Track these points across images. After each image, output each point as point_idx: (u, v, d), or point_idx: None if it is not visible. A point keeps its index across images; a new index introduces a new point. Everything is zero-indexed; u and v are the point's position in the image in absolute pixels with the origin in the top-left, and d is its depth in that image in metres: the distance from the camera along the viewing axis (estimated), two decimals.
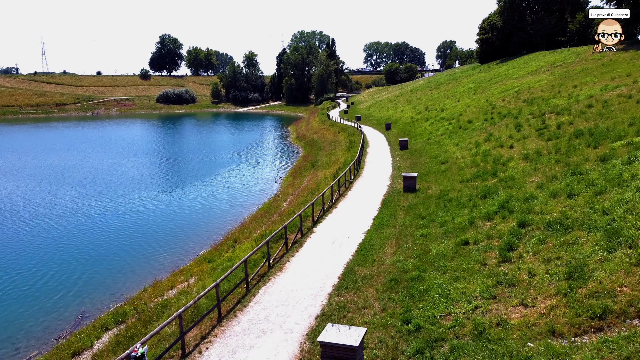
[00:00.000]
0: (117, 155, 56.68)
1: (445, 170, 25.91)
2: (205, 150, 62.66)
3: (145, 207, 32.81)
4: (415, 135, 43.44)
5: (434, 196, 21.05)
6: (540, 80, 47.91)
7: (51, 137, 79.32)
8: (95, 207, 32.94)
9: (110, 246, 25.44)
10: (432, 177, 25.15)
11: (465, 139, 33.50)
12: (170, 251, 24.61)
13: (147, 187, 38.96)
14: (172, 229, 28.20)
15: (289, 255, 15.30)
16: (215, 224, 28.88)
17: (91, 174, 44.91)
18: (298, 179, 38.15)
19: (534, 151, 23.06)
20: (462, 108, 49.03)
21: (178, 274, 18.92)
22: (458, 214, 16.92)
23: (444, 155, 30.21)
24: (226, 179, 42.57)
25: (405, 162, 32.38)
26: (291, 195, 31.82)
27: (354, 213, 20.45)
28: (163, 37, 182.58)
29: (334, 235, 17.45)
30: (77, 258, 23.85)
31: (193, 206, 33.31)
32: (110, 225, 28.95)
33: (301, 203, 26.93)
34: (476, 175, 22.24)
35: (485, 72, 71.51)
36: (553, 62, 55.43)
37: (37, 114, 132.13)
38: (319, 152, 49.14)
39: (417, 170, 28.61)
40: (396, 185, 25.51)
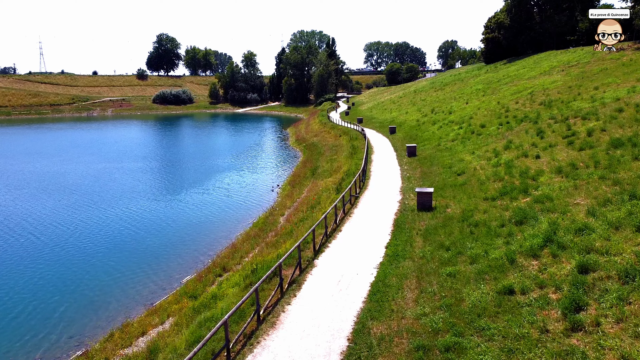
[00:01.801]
0: (107, 160, 53.60)
1: (464, 183, 22.86)
2: (200, 154, 59.59)
3: (130, 221, 29.74)
4: (423, 140, 40.40)
5: (455, 218, 18.01)
6: (555, 81, 44.88)
7: (40, 140, 76.19)
8: (72, 220, 29.83)
9: (81, 269, 22.36)
10: (450, 192, 22.11)
11: (481, 145, 30.46)
12: (150, 276, 21.56)
13: (134, 197, 35.89)
14: (157, 248, 25.14)
15: (285, 302, 12.22)
16: (205, 242, 25.82)
17: (75, 181, 41.81)
18: (297, 189, 35.11)
19: (567, 163, 20.03)
20: (472, 110, 46.02)
21: (153, 313, 15.87)
22: (491, 246, 13.88)
23: (459, 165, 27.16)
24: (221, 187, 39.52)
25: (415, 172, 29.34)
26: (289, 209, 28.78)
27: (362, 238, 17.39)
28: (160, 37, 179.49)
29: (340, 270, 14.40)
30: (38, 284, 20.76)
31: (183, 219, 30.26)
32: (86, 243, 25.85)
33: (300, 220, 23.92)
34: (503, 192, 19.19)
35: (492, 72, 68.47)
36: (567, 62, 52.38)
37: (30, 114, 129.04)
38: (320, 158, 46.10)
39: (430, 182, 25.56)
40: (408, 201, 22.47)
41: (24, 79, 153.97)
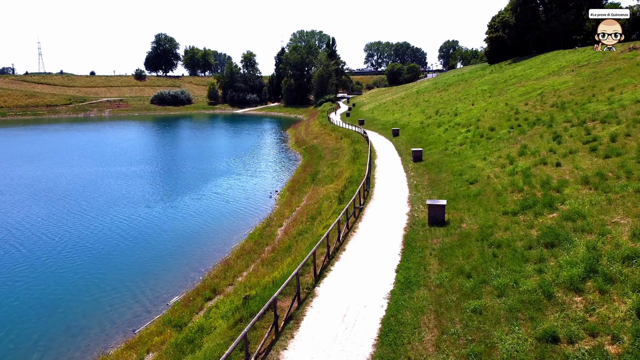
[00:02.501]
0: (100, 164, 51.66)
1: (478, 194, 20.94)
2: (197, 157, 57.64)
3: (119, 232, 27.81)
4: (429, 143, 38.50)
5: (472, 235, 16.10)
6: (565, 81, 42.99)
7: (33, 142, 74.24)
8: (56, 230, 27.84)
9: (62, 288, 20.45)
10: (463, 204, 20.19)
11: (492, 151, 28.55)
12: (136, 295, 19.66)
13: (125, 204, 33.96)
14: (145, 262, 23.24)
15: (280, 346, 10.29)
16: (197, 256, 23.91)
17: (64, 186, 39.87)
18: (296, 196, 33.21)
19: (594, 173, 18.14)
20: (479, 112, 44.15)
21: (132, 347, 13.96)
22: (520, 274, 11.97)
23: (470, 172, 25.24)
24: (217, 192, 37.62)
25: (423, 179, 27.43)
26: (287, 219, 26.89)
27: (369, 259, 15.47)
28: (159, 37, 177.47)
29: (345, 301, 12.49)
30: (11, 305, 18.81)
31: (175, 229, 28.33)
32: (69, 257, 23.91)
33: (298, 233, 22.02)
34: (524, 205, 17.29)
35: (497, 72, 66.58)
36: (576, 61, 50.48)
37: (26, 115, 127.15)
38: (320, 162, 44.18)
39: (440, 191, 23.66)
40: (417, 213, 20.55)
41: (20, 79, 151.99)
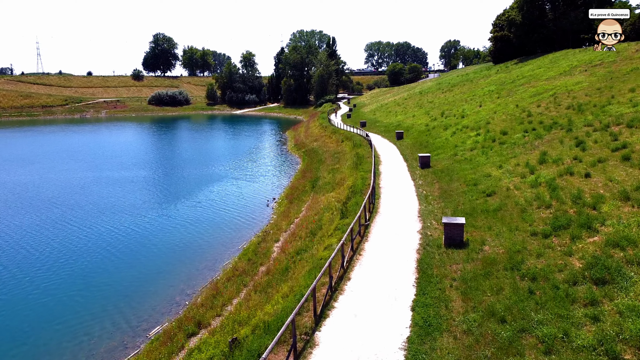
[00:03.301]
0: (92, 169, 49.34)
1: (498, 208, 18.64)
2: (194, 161, 55.31)
3: (102, 247, 25.49)
4: (436, 148, 36.20)
5: (499, 262, 13.80)
6: (579, 82, 40.68)
7: (25, 144, 71.96)
8: (34, 245, 25.44)
9: (30, 317, 18.09)
10: (482, 221, 17.90)
11: (508, 157, 26.24)
12: (116, 323, 17.36)
13: (113, 214, 31.64)
14: (128, 283, 20.94)
15: None
16: (184, 276, 21.59)
17: (50, 194, 37.52)
18: (295, 205, 30.92)
19: (634, 186, 15.86)
20: (487, 114, 41.86)
21: None
22: (569, 320, 9.68)
23: (486, 182, 22.93)
24: (212, 200, 35.32)
25: (433, 189, 25.12)
26: (285, 232, 24.60)
27: (379, 292, 13.17)
28: (157, 37, 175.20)
29: (351, 353, 10.18)
30: None
31: (164, 243, 26.02)
32: (44, 277, 21.58)
33: (297, 252, 19.73)
34: (556, 225, 15.00)
35: (504, 72, 64.29)
36: (588, 61, 48.17)
37: (21, 116, 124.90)
38: (320, 166, 41.88)
39: (454, 204, 21.35)
40: (431, 230, 18.25)
41: (15, 79, 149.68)
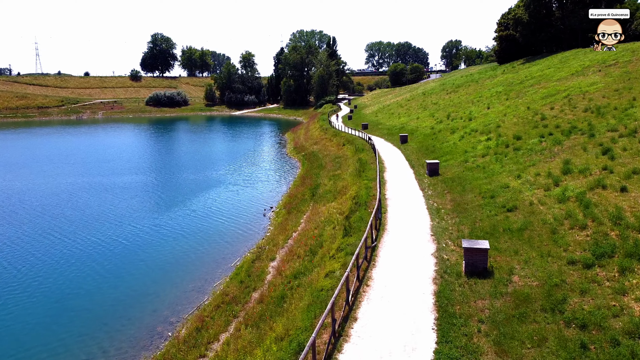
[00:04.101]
0: (82, 174, 47.13)
1: (523, 227, 16.40)
2: (190, 165, 53.07)
3: (83, 262, 23.32)
4: (444, 153, 33.97)
5: (534, 299, 11.58)
6: (593, 83, 38.45)
7: (16, 147, 69.76)
8: (4, 265, 23.28)
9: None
10: (506, 242, 15.67)
11: (526, 166, 23.99)
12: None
13: (99, 225, 29.42)
14: (105, 310, 18.73)
15: None
16: (169, 300, 19.36)
17: (33, 202, 35.29)
18: (293, 215, 28.70)
19: None
20: (497, 117, 39.63)
21: None
22: None
23: (504, 195, 20.68)
24: (205, 209, 33.12)
25: (444, 201, 22.88)
26: (282, 249, 22.38)
27: (392, 338, 10.93)
28: (155, 37, 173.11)
29: None
30: None
31: (151, 259, 23.82)
32: (8, 298, 19.40)
33: (294, 275, 17.53)
34: (597, 252, 12.78)
35: (511, 72, 62.07)
36: (601, 60, 45.96)
37: (16, 117, 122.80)
38: (321, 172, 39.66)
39: (469, 219, 19.10)
40: (447, 253, 16.00)
41: (11, 80, 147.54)
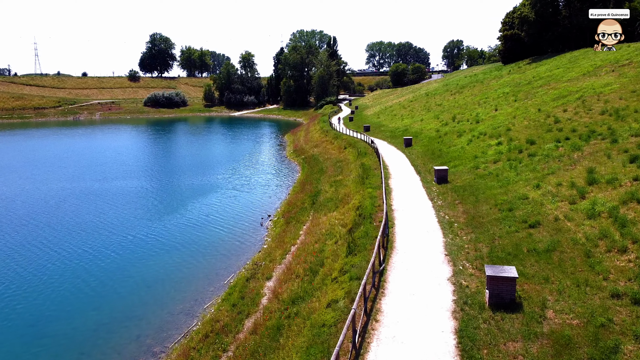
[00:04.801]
0: (71, 179, 45.28)
1: (551, 249, 14.50)
2: (186, 169, 51.18)
3: (68, 278, 21.47)
4: (452, 158, 32.09)
5: (578, 342, 9.68)
6: (608, 83, 36.56)
7: (6, 149, 67.92)
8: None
9: None
10: (533, 265, 13.77)
11: (544, 174, 22.07)
12: None
13: (86, 236, 27.54)
14: (87, 332, 16.97)
15: None
16: (153, 327, 17.47)
17: (17, 210, 33.43)
18: (292, 226, 26.82)
19: None
20: (506, 119, 37.76)
21: None
22: None
23: (524, 207, 18.75)
24: (201, 217, 31.29)
25: (456, 212, 20.97)
26: (279, 266, 20.49)
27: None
28: (154, 37, 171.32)
29: None
30: None
31: (137, 276, 21.98)
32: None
33: (292, 300, 15.70)
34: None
35: (517, 73, 60.18)
36: (614, 60, 44.03)
37: (12, 119, 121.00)
38: (321, 177, 37.77)
39: (487, 236, 17.18)
40: (465, 279, 14.08)
41: (8, 80, 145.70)
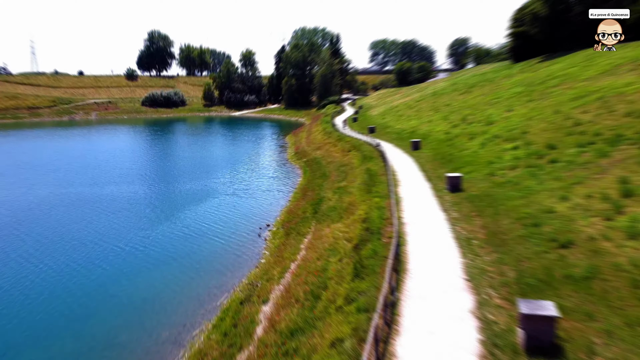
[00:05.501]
0: (61, 184, 43.35)
1: (590, 276, 12.37)
2: (182, 173, 49.17)
3: (45, 297, 19.43)
4: (465, 163, 29.94)
5: None
6: (630, 83, 34.20)
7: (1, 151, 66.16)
8: None
9: None
10: (570, 297, 11.67)
11: (570, 183, 19.90)
12: None
13: (69, 248, 25.51)
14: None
15: None
16: (137, 354, 15.49)
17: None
18: (292, 239, 24.75)
19: None
20: (520, 121, 35.55)
21: None
22: None
23: (551, 223, 16.59)
24: (195, 227, 29.22)
25: (474, 228, 18.83)
26: (277, 286, 18.42)
27: None
28: (152, 34, 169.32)
29: None
30: None
31: (124, 294, 19.99)
32: None
33: (290, 332, 13.70)
34: None
35: (529, 71, 57.92)
36: (634, 58, 41.66)
37: (6, 119, 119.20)
38: (324, 183, 35.68)
39: (512, 257, 15.03)
40: (492, 312, 11.98)
41: (2, 79, 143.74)
